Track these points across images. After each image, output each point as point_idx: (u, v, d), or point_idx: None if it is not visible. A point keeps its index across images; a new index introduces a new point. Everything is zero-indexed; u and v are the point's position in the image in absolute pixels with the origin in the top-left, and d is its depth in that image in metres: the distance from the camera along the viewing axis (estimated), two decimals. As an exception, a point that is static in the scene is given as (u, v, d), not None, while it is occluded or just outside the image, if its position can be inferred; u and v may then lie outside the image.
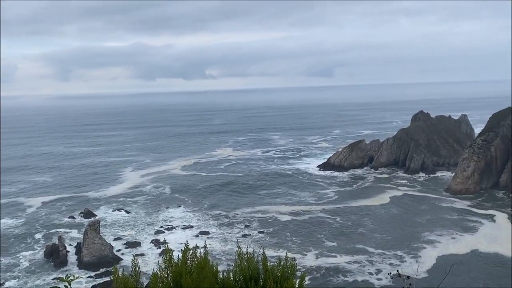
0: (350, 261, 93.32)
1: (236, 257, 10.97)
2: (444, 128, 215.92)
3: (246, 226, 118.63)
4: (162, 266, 11.23)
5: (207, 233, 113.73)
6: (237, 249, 11.20)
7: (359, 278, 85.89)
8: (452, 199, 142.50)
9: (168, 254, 11.44)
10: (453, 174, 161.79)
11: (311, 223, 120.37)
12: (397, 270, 12.33)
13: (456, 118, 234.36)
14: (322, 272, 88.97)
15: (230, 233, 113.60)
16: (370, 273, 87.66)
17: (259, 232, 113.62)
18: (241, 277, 10.96)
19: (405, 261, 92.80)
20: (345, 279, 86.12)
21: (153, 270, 11.14)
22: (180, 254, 11.47)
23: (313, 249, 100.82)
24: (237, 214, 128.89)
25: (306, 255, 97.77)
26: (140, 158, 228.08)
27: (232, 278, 11.21)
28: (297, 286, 10.48)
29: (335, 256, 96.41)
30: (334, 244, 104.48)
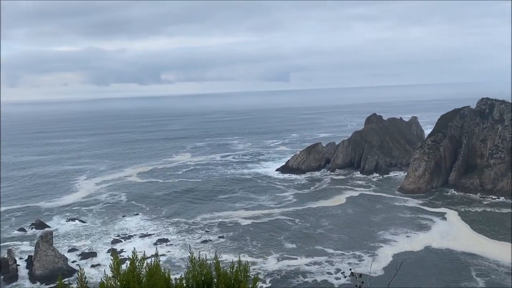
0: (310, 263, 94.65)
1: (188, 263, 10.85)
2: (396, 129, 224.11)
3: (206, 232, 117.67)
4: (110, 275, 10.87)
5: (166, 240, 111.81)
6: (190, 254, 11.08)
7: (319, 279, 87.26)
8: (405, 198, 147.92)
9: (115, 263, 11.07)
10: (406, 174, 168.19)
11: (271, 226, 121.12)
12: (350, 269, 12.63)
13: (407, 120, 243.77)
14: (283, 274, 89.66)
15: (190, 239, 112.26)
16: (330, 273, 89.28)
17: (220, 237, 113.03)
18: (193, 282, 10.84)
19: (364, 260, 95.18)
20: (305, 279, 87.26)
21: (101, 279, 10.75)
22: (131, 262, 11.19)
23: (274, 252, 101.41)
24: (196, 220, 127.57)
25: (267, 258, 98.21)
26: (94, 165, 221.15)
27: (185, 284, 11.06)
28: None
29: (296, 259, 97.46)
30: (294, 246, 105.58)
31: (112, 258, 11.19)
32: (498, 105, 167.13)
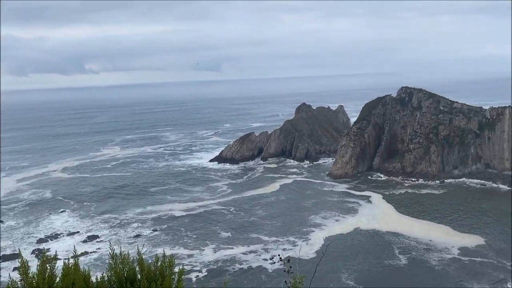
0: (246, 251, 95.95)
1: (109, 260, 10.52)
2: (324, 118, 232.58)
3: (139, 226, 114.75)
4: (17, 279, 10.17)
5: (96, 237, 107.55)
6: (110, 251, 10.71)
7: (254, 265, 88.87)
8: (334, 183, 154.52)
9: (23, 265, 10.37)
10: (334, 160, 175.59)
11: (206, 217, 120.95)
12: (279, 255, 12.91)
13: (334, 108, 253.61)
14: (219, 264, 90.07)
15: (122, 234, 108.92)
16: (265, 259, 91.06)
17: (154, 231, 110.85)
18: (116, 280, 10.49)
19: (297, 245, 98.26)
20: (241, 267, 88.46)
21: (7, 283, 10.02)
22: (62, 262, 10.61)
23: (210, 243, 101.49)
24: (128, 215, 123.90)
25: (203, 250, 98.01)
26: (14, 162, 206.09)
27: (107, 282, 10.68)
28: (175, 282, 10.36)
29: (232, 248, 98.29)
30: (230, 235, 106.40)
31: (40, 258, 10.47)
32: (416, 93, 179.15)
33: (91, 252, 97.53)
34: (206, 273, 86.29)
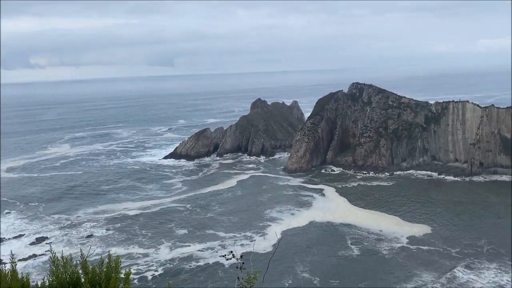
0: (203, 248, 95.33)
1: (50, 264, 10.08)
2: (279, 113, 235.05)
3: (91, 226, 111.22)
4: None
5: (45, 238, 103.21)
6: (51, 255, 10.23)
7: (211, 261, 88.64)
8: (289, 177, 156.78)
9: None
10: (289, 155, 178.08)
11: (161, 215, 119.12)
12: (231, 251, 12.89)
13: (288, 104, 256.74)
14: (175, 263, 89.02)
15: (73, 235, 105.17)
16: (222, 256, 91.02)
17: (107, 230, 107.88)
18: (57, 285, 10.06)
19: (255, 240, 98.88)
20: (198, 264, 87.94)
21: None
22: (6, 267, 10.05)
23: (166, 241, 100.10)
24: (79, 215, 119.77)
25: (159, 248, 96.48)
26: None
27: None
28: (122, 285, 10.07)
29: (189, 245, 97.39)
30: (186, 232, 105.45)
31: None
32: (366, 89, 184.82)
33: (40, 255, 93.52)
34: (162, 272, 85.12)
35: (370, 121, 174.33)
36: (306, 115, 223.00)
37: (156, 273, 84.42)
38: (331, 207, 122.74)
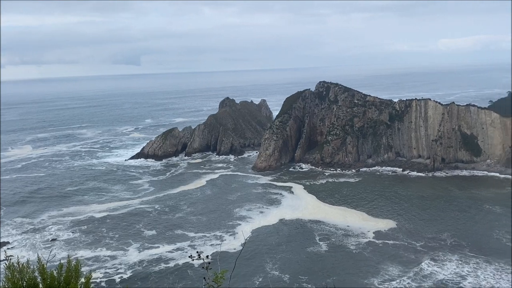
0: (173, 249, 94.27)
1: (6, 270, 9.84)
2: (248, 112, 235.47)
3: (55, 229, 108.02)
4: None
5: (6, 243, 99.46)
6: (7, 262, 10.00)
7: (181, 262, 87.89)
8: (258, 175, 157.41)
9: None
10: (258, 153, 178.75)
11: (129, 216, 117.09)
12: (197, 252, 12.96)
13: (257, 102, 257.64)
14: (144, 265, 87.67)
15: (37, 239, 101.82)
16: (189, 257, 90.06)
17: (72, 233, 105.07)
18: None
19: (225, 240, 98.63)
20: (167, 265, 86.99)
21: None
22: None
23: (134, 243, 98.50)
24: (43, 218, 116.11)
25: (127, 250, 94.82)
26: None
27: None
28: None
29: (158, 247, 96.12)
30: (154, 233, 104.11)
31: None
32: (333, 88, 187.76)
33: (1, 261, 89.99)
34: (131, 274, 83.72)
35: (336, 119, 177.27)
36: (275, 113, 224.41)
37: (125, 276, 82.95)
38: (300, 204, 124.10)
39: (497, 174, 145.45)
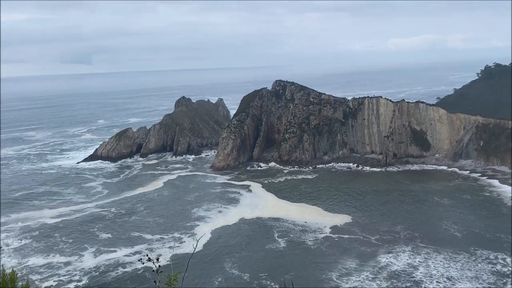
0: (131, 253, 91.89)
1: None
2: (205, 111, 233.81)
3: (4, 237, 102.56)
4: None
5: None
6: None
7: (139, 266, 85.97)
8: (216, 175, 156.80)
9: None
10: (216, 152, 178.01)
11: (83, 220, 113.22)
12: (147, 255, 12.76)
13: (214, 101, 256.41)
14: (101, 270, 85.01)
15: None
16: (150, 259, 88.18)
17: (22, 240, 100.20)
18: None
19: (184, 242, 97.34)
20: (125, 270, 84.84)
21: None
22: None
23: (89, 247, 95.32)
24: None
25: (82, 255, 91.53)
26: None
27: None
28: None
29: (115, 251, 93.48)
30: (110, 236, 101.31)
31: None
32: (289, 86, 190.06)
33: None
34: (86, 281, 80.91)
35: (293, 117, 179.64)
36: (232, 112, 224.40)
37: (80, 283, 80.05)
38: (259, 202, 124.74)
39: (445, 168, 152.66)
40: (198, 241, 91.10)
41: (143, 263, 11.20)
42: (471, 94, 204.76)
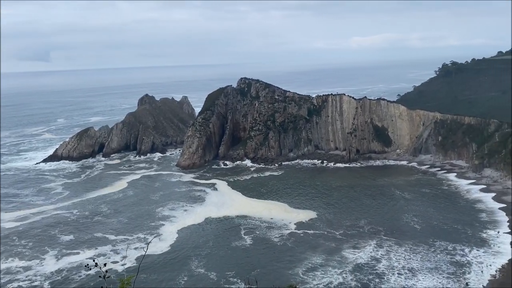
0: (94, 255, 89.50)
1: None
2: (169, 109, 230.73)
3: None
4: None
5: None
6: None
7: (103, 268, 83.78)
8: (181, 173, 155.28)
9: None
10: (181, 151, 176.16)
11: (43, 222, 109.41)
12: (93, 260, 12.53)
13: (178, 99, 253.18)
14: (64, 274, 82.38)
15: None
16: (115, 262, 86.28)
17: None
18: None
19: (151, 242, 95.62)
20: (88, 273, 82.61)
21: None
22: None
23: (51, 250, 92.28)
24: None
25: (43, 259, 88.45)
26: None
27: None
28: None
29: (78, 253, 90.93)
30: (72, 238, 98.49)
31: None
32: (254, 84, 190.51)
33: None
34: (48, 286, 78.32)
35: (259, 115, 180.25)
36: (197, 110, 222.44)
37: (40, 288, 77.38)
38: (224, 201, 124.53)
39: (406, 163, 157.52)
40: (148, 245, 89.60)
41: (90, 269, 11.00)
42: (430, 91, 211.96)
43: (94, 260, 11.77)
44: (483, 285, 73.48)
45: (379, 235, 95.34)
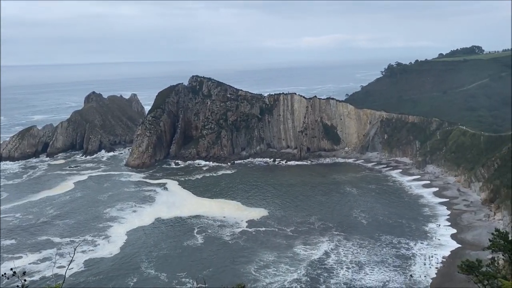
0: (38, 260, 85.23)
1: None
2: (117, 107, 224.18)
3: None
4: None
5: None
6: None
7: (48, 274, 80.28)
8: (130, 173, 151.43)
9: None
10: (130, 150, 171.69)
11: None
12: (11, 269, 11.80)
13: (127, 97, 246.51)
14: (3, 282, 77.71)
15: None
16: (62, 266, 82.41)
17: None
18: None
19: (99, 244, 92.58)
20: (32, 279, 78.58)
21: None
22: None
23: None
24: None
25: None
26: None
27: None
28: None
29: (20, 257, 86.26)
30: (13, 242, 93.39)
31: None
32: (206, 82, 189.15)
33: None
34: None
35: (211, 113, 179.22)
36: (147, 108, 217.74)
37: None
38: (175, 200, 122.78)
39: (354, 160, 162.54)
40: (75, 249, 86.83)
41: (7, 278, 10.45)
42: (376, 90, 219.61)
43: (11, 269, 11.13)
44: (425, 276, 77.20)
45: (330, 231, 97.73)
